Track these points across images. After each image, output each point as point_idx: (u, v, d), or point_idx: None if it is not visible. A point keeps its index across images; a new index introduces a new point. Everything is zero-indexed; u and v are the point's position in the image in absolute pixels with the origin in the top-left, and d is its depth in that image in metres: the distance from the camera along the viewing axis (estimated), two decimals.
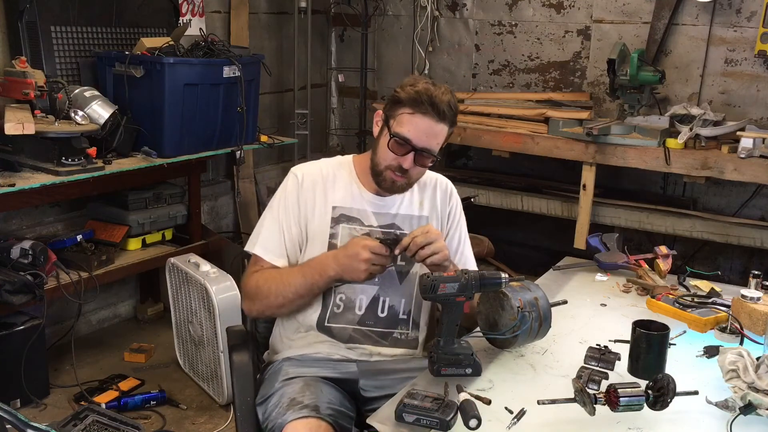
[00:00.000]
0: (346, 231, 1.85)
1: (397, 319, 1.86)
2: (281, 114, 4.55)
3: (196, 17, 3.83)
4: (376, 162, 1.83)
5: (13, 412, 1.37)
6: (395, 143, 1.77)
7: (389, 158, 1.80)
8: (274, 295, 1.80)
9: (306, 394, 1.69)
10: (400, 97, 1.77)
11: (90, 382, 3.08)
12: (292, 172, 1.91)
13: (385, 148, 1.79)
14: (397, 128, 1.77)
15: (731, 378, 1.50)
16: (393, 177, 1.82)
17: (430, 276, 1.58)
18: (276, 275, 1.83)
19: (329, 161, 1.95)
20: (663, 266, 2.20)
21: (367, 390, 1.81)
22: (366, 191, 1.90)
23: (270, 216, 1.89)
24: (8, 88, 2.82)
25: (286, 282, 1.80)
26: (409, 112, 1.76)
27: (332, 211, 1.86)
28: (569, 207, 3.73)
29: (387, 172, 1.82)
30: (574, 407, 1.41)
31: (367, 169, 1.88)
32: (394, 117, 1.79)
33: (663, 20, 3.70)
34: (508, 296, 1.63)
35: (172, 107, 3.10)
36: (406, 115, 1.77)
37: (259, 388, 1.83)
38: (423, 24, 4.41)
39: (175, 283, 3.13)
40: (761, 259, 3.58)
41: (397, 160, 1.79)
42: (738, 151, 3.15)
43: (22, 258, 2.81)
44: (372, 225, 1.86)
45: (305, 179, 1.88)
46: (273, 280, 1.81)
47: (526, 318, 1.62)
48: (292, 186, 1.88)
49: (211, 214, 4.18)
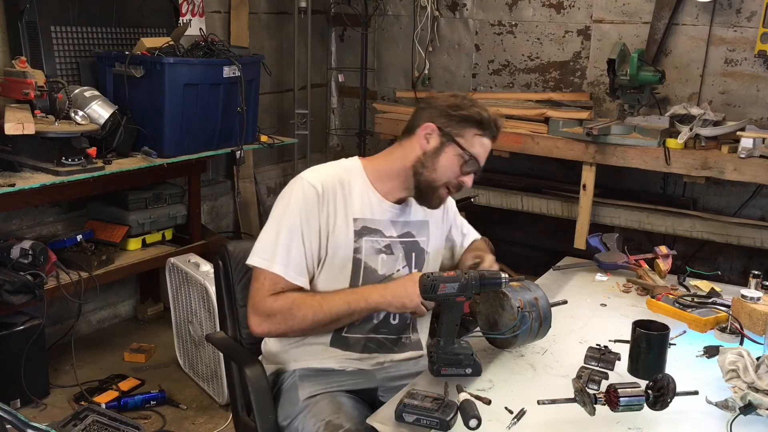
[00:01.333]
0: (369, 244, 1.78)
1: (405, 325, 1.86)
2: (281, 114, 4.55)
3: (196, 17, 3.83)
4: (433, 178, 1.76)
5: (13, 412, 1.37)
6: (467, 163, 1.76)
7: (452, 175, 1.77)
8: (309, 321, 1.71)
9: (341, 415, 1.66)
10: (470, 117, 1.74)
11: (90, 382, 3.08)
12: (308, 181, 1.75)
13: (451, 166, 1.75)
14: (471, 149, 1.75)
15: (731, 378, 1.50)
16: (445, 195, 1.81)
17: (430, 276, 1.58)
18: (311, 301, 1.72)
19: (338, 167, 1.85)
20: (663, 266, 2.20)
21: (385, 396, 1.79)
22: (384, 200, 1.82)
23: (287, 230, 1.73)
24: (8, 88, 2.82)
25: (325, 309, 1.71)
26: (478, 133, 1.76)
27: (354, 224, 1.77)
28: (569, 207, 3.73)
29: (443, 189, 1.79)
30: (574, 407, 1.41)
31: (382, 176, 1.82)
32: (461, 135, 1.75)
33: (663, 20, 3.70)
34: (508, 296, 1.63)
35: (172, 107, 3.10)
36: (476, 137, 1.76)
37: (277, 405, 1.79)
38: (423, 24, 4.41)
39: (175, 283, 3.13)
40: (761, 259, 3.58)
41: (460, 178, 1.78)
42: (738, 151, 3.15)
43: (22, 258, 2.81)
44: (392, 236, 1.82)
45: (326, 190, 1.75)
46: (308, 307, 1.71)
47: (526, 318, 1.62)
48: (311, 197, 1.74)
49: (211, 214, 4.18)
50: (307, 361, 1.81)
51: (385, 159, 1.86)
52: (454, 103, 1.77)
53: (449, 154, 1.75)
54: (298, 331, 1.74)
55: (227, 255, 1.95)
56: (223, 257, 1.95)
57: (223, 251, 1.95)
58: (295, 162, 4.45)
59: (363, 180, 1.82)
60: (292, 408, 1.75)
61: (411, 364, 1.87)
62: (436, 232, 1.93)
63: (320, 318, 1.71)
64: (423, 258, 1.88)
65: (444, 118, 1.76)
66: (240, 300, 1.96)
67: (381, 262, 1.80)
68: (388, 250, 1.81)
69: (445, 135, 1.75)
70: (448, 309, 1.59)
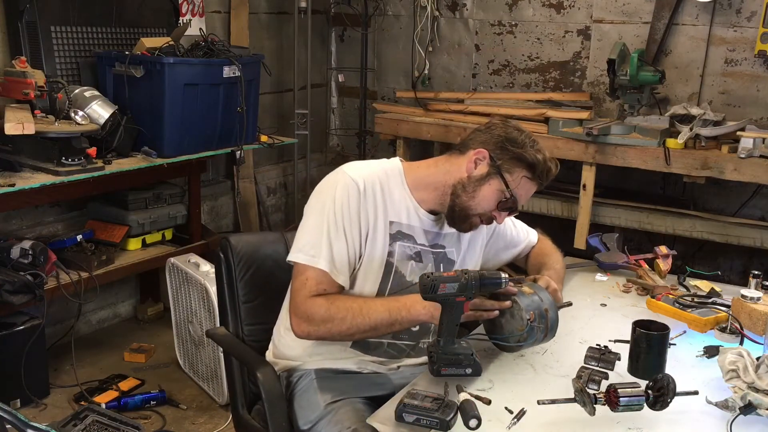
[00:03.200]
0: (401, 249, 1.77)
1: (426, 329, 1.84)
2: (281, 114, 4.55)
3: (196, 17, 3.83)
4: (470, 205, 1.74)
5: (13, 412, 1.37)
6: (507, 202, 1.74)
7: (488, 208, 1.74)
8: (347, 325, 1.66)
9: (364, 423, 1.63)
10: (524, 157, 1.71)
11: (90, 382, 3.08)
12: (350, 177, 1.71)
13: (490, 199, 1.73)
14: (516, 189, 1.72)
15: (731, 378, 1.50)
16: (476, 224, 1.79)
17: (430, 276, 1.58)
18: (352, 305, 1.67)
19: (379, 166, 1.80)
20: (663, 266, 2.20)
21: None
22: (419, 208, 1.79)
23: (330, 224, 1.68)
24: (8, 88, 2.82)
25: (365, 314, 1.66)
26: (528, 176, 1.73)
27: (390, 227, 1.75)
28: (569, 207, 3.73)
29: (476, 218, 1.77)
30: (574, 407, 1.41)
31: (420, 184, 1.79)
32: (510, 173, 1.72)
33: (663, 20, 3.70)
34: (519, 306, 1.61)
35: (172, 107, 3.10)
36: (525, 179, 1.73)
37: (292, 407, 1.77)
38: (423, 24, 4.40)
39: (175, 283, 3.13)
40: (761, 259, 3.58)
41: (494, 212, 1.76)
42: (738, 151, 3.15)
43: (22, 258, 2.81)
44: (424, 244, 1.80)
45: (368, 188, 1.72)
46: (349, 310, 1.66)
47: (533, 331, 1.61)
48: (353, 194, 1.70)
49: (211, 214, 4.18)
50: (325, 360, 1.79)
51: (428, 168, 1.82)
52: (514, 138, 1.73)
53: (492, 187, 1.73)
54: (337, 335, 1.69)
55: (230, 248, 1.91)
56: (225, 251, 1.91)
57: (225, 244, 1.91)
58: (295, 162, 4.45)
59: (402, 185, 1.79)
60: (313, 413, 1.73)
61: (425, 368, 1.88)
62: (470, 243, 1.90)
63: (359, 324, 1.66)
64: (450, 269, 1.84)
65: (499, 150, 1.73)
66: (242, 296, 1.93)
67: (410, 268, 1.79)
68: (418, 258, 1.80)
69: (495, 167, 1.72)
70: (449, 309, 1.59)
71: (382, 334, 1.72)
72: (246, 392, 1.91)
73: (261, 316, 1.96)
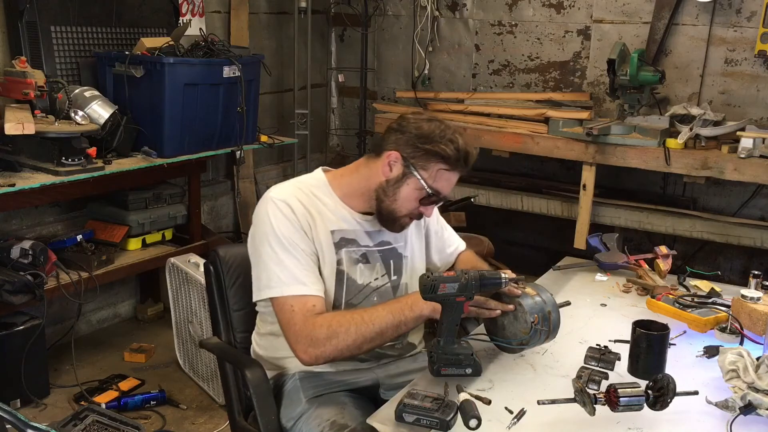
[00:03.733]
0: (348, 255, 1.77)
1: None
2: (281, 114, 4.55)
3: (196, 17, 3.83)
4: (394, 208, 1.74)
5: (13, 412, 1.37)
6: (429, 197, 1.74)
7: (412, 207, 1.74)
8: (353, 337, 1.62)
9: (345, 415, 1.67)
10: (439, 153, 1.69)
11: (90, 382, 3.08)
12: (278, 199, 1.72)
13: (412, 199, 1.73)
14: (433, 184, 1.72)
15: (731, 378, 1.50)
16: (407, 222, 1.79)
17: (430, 276, 1.58)
18: (353, 316, 1.65)
19: (304, 183, 1.81)
20: (663, 266, 2.20)
21: (387, 393, 1.81)
22: (354, 212, 1.80)
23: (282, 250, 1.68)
24: (8, 88, 2.82)
25: (369, 321, 1.63)
26: (446, 169, 1.72)
27: (332, 236, 1.75)
28: (569, 207, 3.73)
29: (405, 218, 1.77)
30: (574, 407, 1.41)
31: (349, 192, 1.80)
32: (426, 169, 1.71)
33: (663, 20, 3.70)
34: (524, 309, 1.61)
35: (172, 107, 3.10)
36: (443, 172, 1.72)
37: (279, 407, 1.78)
38: (423, 24, 4.40)
39: (175, 283, 3.13)
40: (761, 259, 3.58)
41: (420, 209, 1.76)
42: (738, 151, 3.15)
43: (22, 258, 2.81)
44: (368, 245, 1.81)
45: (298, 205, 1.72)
46: (351, 322, 1.63)
47: (537, 334, 1.61)
48: (286, 212, 1.70)
49: (211, 214, 4.18)
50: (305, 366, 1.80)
51: (351, 176, 1.82)
52: (424, 133, 1.71)
53: (411, 186, 1.72)
54: (345, 349, 1.64)
55: (218, 260, 1.93)
56: (214, 262, 1.93)
57: (214, 256, 1.93)
58: (295, 162, 4.45)
59: (331, 195, 1.80)
60: (295, 409, 1.74)
61: (409, 361, 1.88)
62: (414, 234, 1.92)
63: (365, 332, 1.63)
64: (402, 262, 1.87)
65: (410, 148, 1.71)
66: (233, 304, 1.94)
67: (359, 271, 1.79)
68: (365, 259, 1.80)
69: (409, 166, 1.71)
70: (448, 309, 1.59)
71: (390, 338, 1.70)
72: (242, 399, 1.92)
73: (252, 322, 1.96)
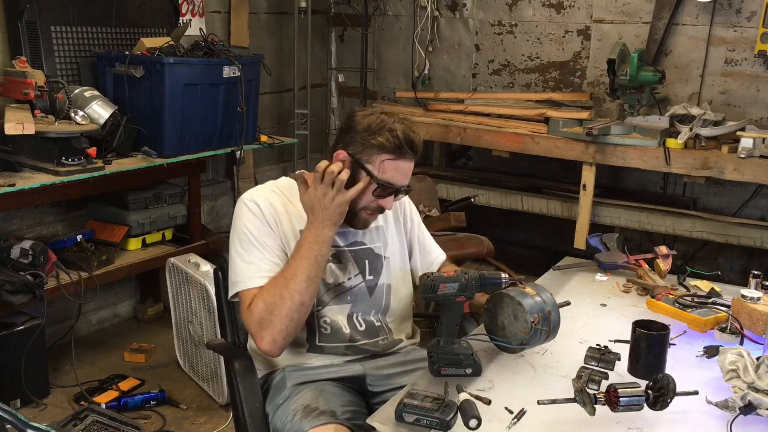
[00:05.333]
0: None
1: (375, 328, 1.87)
2: (281, 114, 4.55)
3: (196, 17, 3.83)
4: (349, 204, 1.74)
5: (13, 412, 1.37)
6: (381, 190, 1.73)
7: (367, 201, 1.75)
8: (288, 297, 1.65)
9: (320, 400, 1.68)
10: (380, 144, 1.70)
11: (90, 382, 3.08)
12: (249, 200, 1.76)
13: (365, 193, 1.73)
14: (381, 176, 1.71)
15: (731, 378, 1.50)
16: (368, 217, 1.79)
17: (430, 276, 1.58)
18: (273, 281, 1.69)
19: (275, 185, 1.85)
20: (663, 266, 2.20)
21: (374, 385, 1.82)
22: None
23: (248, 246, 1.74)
24: (8, 88, 2.82)
25: (290, 276, 1.66)
26: (390, 158, 1.71)
27: (299, 235, 1.76)
28: (569, 207, 3.73)
29: (363, 213, 1.78)
30: (574, 407, 1.41)
31: None
32: (371, 162, 1.71)
33: (663, 20, 3.70)
34: (524, 308, 1.60)
35: (172, 107, 3.10)
36: (388, 162, 1.71)
37: (266, 398, 1.80)
38: (423, 24, 4.40)
39: (175, 283, 3.13)
40: (761, 259, 3.58)
41: (377, 202, 1.76)
42: (738, 151, 3.15)
43: (22, 258, 2.81)
44: (339, 245, 1.82)
45: (266, 205, 1.76)
46: (275, 286, 1.67)
47: (537, 334, 1.61)
48: (255, 211, 1.75)
49: (211, 214, 4.18)
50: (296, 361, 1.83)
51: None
52: (365, 127, 1.72)
53: (362, 183, 1.72)
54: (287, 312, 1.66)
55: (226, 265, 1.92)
56: (222, 268, 1.93)
57: (222, 261, 1.94)
58: (295, 162, 4.45)
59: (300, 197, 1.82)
60: (278, 398, 1.77)
61: (402, 354, 1.90)
62: (395, 236, 1.93)
63: (293, 286, 1.65)
64: (381, 263, 1.88)
65: (355, 144, 1.73)
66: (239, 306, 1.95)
67: (329, 271, 1.80)
68: (336, 259, 1.81)
69: (354, 162, 1.72)
70: (448, 309, 1.59)
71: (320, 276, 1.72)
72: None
73: None
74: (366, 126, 1.72)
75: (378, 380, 1.82)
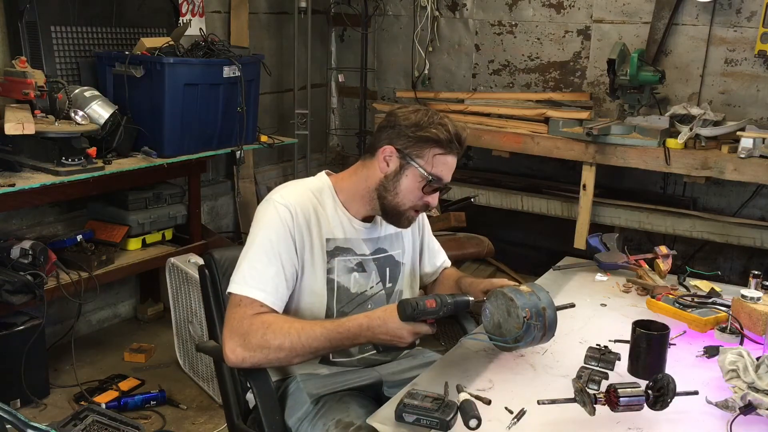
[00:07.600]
0: (341, 264, 1.77)
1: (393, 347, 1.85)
2: (281, 114, 4.55)
3: (196, 17, 3.83)
4: (397, 202, 1.73)
5: (13, 412, 1.37)
6: (429, 186, 1.72)
7: (416, 198, 1.73)
8: (286, 351, 1.61)
9: (350, 413, 1.66)
10: (432, 137, 1.69)
11: (90, 382, 3.08)
12: (280, 203, 1.71)
13: (414, 189, 1.72)
14: (432, 169, 1.71)
15: (731, 378, 1.50)
16: (414, 216, 1.78)
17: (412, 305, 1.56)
18: (290, 330, 1.61)
19: (308, 186, 1.80)
20: (663, 266, 2.20)
21: (391, 391, 1.81)
22: (354, 219, 1.80)
23: (262, 253, 1.68)
24: (8, 88, 2.82)
25: (304, 342, 1.61)
26: (441, 152, 1.71)
27: (327, 245, 1.75)
28: (569, 207, 3.73)
29: (410, 212, 1.76)
30: (574, 407, 1.41)
31: (351, 196, 1.79)
32: (421, 156, 1.70)
33: (663, 20, 3.70)
34: (516, 304, 1.61)
35: (172, 107, 3.10)
36: (438, 156, 1.71)
37: (284, 409, 1.77)
38: (423, 24, 4.41)
39: (175, 283, 3.13)
40: (761, 259, 3.58)
41: (424, 199, 1.75)
42: (738, 151, 3.15)
43: (22, 258, 2.81)
44: (364, 254, 1.81)
45: (298, 213, 1.71)
46: (286, 335, 1.60)
47: (530, 329, 1.60)
48: (286, 219, 1.69)
49: (211, 214, 4.18)
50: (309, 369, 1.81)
51: (350, 179, 1.82)
52: (414, 122, 1.71)
53: (410, 177, 1.72)
54: (275, 361, 1.63)
55: (213, 263, 1.91)
56: (209, 265, 1.91)
57: (209, 259, 1.91)
58: (295, 162, 4.45)
59: (333, 199, 1.79)
60: (300, 410, 1.74)
61: (410, 358, 1.90)
62: (410, 242, 1.93)
63: (297, 349, 1.61)
64: (398, 270, 1.88)
65: (403, 139, 1.71)
66: None
67: (353, 280, 1.79)
68: (360, 268, 1.80)
69: (405, 157, 1.71)
70: None
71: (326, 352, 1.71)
72: (240, 402, 1.92)
73: None
74: (415, 122, 1.71)
75: (395, 385, 1.81)
